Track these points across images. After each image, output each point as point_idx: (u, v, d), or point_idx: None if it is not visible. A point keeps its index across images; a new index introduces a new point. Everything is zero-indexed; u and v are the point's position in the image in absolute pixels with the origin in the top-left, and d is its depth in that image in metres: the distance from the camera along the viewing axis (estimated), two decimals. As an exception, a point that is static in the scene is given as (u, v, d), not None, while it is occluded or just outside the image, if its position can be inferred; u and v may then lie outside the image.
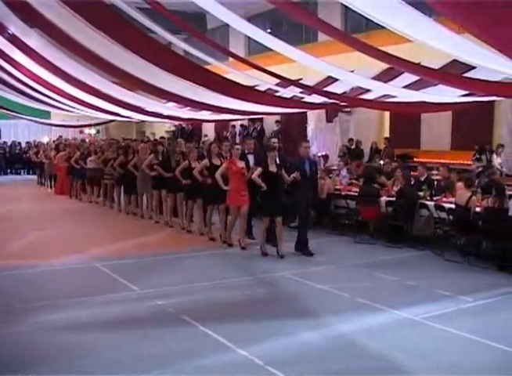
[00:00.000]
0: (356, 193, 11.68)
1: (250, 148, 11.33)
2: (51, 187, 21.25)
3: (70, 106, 18.51)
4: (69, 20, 8.11)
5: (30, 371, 5.23)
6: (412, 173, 12.54)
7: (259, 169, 9.97)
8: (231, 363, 5.43)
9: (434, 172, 13.25)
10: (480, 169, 13.75)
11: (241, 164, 10.47)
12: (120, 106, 16.03)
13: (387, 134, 19.10)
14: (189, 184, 11.60)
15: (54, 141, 26.04)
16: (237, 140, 22.59)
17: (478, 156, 15.33)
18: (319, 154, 19.13)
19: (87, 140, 25.81)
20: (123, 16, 8.44)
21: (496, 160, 15.04)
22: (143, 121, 25.74)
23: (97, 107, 17.16)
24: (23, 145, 30.48)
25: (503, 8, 4.05)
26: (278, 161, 10.06)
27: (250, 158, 10.99)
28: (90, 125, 29.37)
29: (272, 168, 9.89)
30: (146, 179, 13.49)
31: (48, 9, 7.98)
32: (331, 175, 13.26)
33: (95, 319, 6.68)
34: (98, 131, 31.48)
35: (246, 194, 10.29)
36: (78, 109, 19.04)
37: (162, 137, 20.53)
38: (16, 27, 9.92)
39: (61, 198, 18.66)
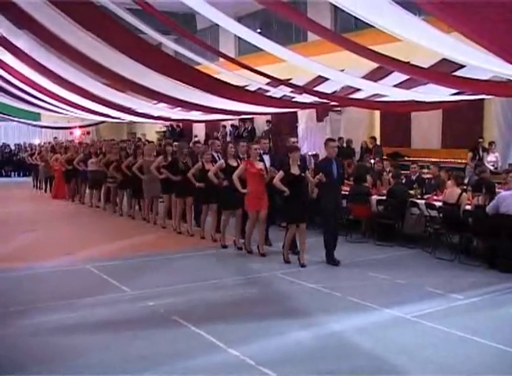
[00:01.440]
0: (347, 192, 11.69)
1: (265, 148, 10.69)
2: (46, 190, 20.89)
3: (61, 108, 18.42)
4: (58, 21, 8.07)
5: (26, 372, 5.25)
6: (403, 172, 12.56)
7: (280, 173, 9.27)
8: (223, 363, 5.42)
9: (425, 171, 13.30)
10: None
11: (260, 165, 9.90)
12: (110, 108, 15.97)
13: (377, 133, 19.13)
14: (202, 187, 10.98)
15: (46, 143, 25.84)
16: (228, 140, 22.58)
17: (479, 155, 15.04)
18: (310, 153, 19.14)
19: (83, 141, 25.62)
20: (112, 16, 8.41)
21: (489, 158, 15.04)
22: (134, 122, 25.68)
23: (87, 109, 17.09)
24: (13, 147, 30.31)
25: (494, 8, 4.06)
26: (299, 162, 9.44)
27: (266, 158, 10.42)
28: (80, 127, 29.26)
29: (295, 170, 9.25)
30: (153, 182, 12.86)
31: (36, 10, 7.94)
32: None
33: (85, 321, 6.66)
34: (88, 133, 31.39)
35: (265, 198, 9.75)
36: (68, 110, 18.95)
37: (169, 137, 20.05)
38: (3, 28, 9.86)
39: (58, 201, 18.39)
